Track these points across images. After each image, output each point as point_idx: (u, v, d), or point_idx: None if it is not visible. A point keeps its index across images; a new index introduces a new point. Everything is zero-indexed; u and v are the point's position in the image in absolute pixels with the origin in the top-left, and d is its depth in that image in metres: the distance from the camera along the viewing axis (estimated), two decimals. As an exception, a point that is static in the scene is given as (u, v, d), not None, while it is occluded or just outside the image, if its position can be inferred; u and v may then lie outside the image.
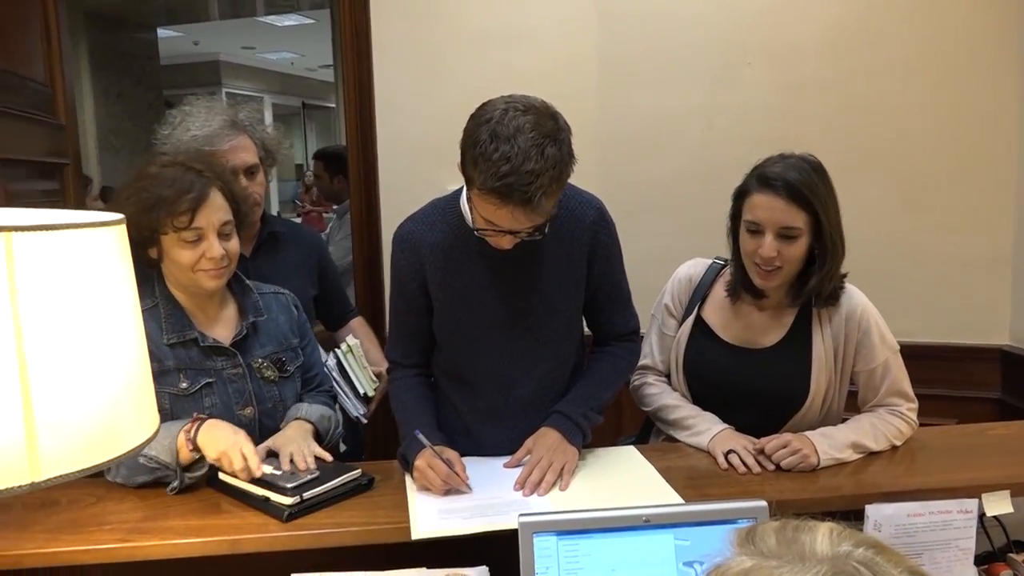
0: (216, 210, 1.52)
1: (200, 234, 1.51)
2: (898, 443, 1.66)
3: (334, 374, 1.96)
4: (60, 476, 0.93)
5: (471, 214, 1.49)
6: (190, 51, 10.78)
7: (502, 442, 1.62)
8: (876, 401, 1.69)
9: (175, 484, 1.48)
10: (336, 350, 2.02)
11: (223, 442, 1.45)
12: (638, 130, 2.89)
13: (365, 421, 2.01)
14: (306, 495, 1.40)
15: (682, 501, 1.43)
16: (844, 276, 1.69)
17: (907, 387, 1.68)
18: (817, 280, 1.63)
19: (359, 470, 1.51)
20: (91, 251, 0.97)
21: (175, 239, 1.50)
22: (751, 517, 1.29)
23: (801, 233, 1.58)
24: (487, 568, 1.33)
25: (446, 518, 1.38)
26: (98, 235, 0.99)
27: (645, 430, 1.93)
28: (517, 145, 1.32)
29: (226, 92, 11.37)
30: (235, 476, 1.44)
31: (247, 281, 1.69)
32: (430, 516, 1.39)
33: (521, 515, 1.24)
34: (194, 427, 1.48)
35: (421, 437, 1.48)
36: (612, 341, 1.73)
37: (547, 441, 1.55)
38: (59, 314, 0.92)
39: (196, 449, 1.47)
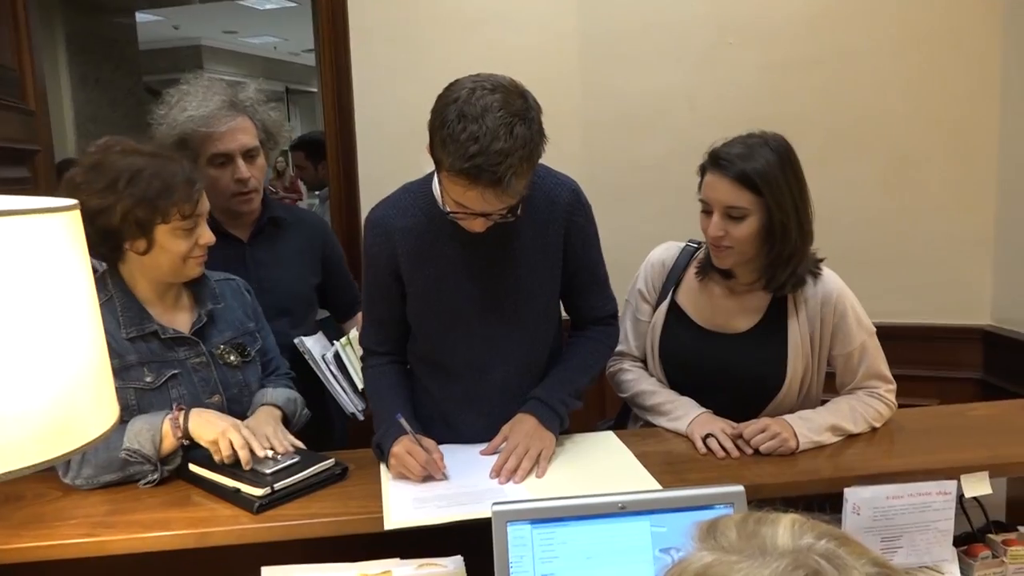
0: (205, 198, 1.53)
1: (197, 222, 1.51)
2: (877, 425, 1.64)
3: (332, 368, 1.91)
4: (9, 472, 0.90)
5: (442, 197, 1.46)
6: (171, 36, 10.61)
7: (479, 428, 1.60)
8: (854, 384, 1.67)
9: (154, 478, 1.46)
10: (335, 342, 1.96)
11: (218, 425, 1.45)
12: (620, 111, 2.86)
13: (362, 418, 1.94)
14: (277, 486, 1.38)
15: (659, 487, 1.41)
16: (820, 261, 1.67)
17: (884, 369, 1.67)
18: (766, 263, 1.61)
19: (332, 459, 1.48)
20: (40, 238, 0.94)
21: (172, 229, 1.48)
22: (728, 503, 1.27)
23: (747, 213, 1.56)
24: (462, 558, 1.31)
25: (420, 507, 1.36)
26: (47, 221, 0.96)
27: (623, 415, 1.91)
28: (485, 125, 1.28)
29: (208, 77, 11.23)
30: (223, 461, 1.43)
31: (203, 271, 1.65)
32: (404, 505, 1.37)
33: (495, 504, 1.22)
34: (181, 415, 1.47)
35: (403, 422, 1.46)
36: (590, 325, 1.70)
37: (523, 427, 1.53)
38: (5, 303, 0.88)
39: (186, 436, 1.46)
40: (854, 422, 1.61)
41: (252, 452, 1.43)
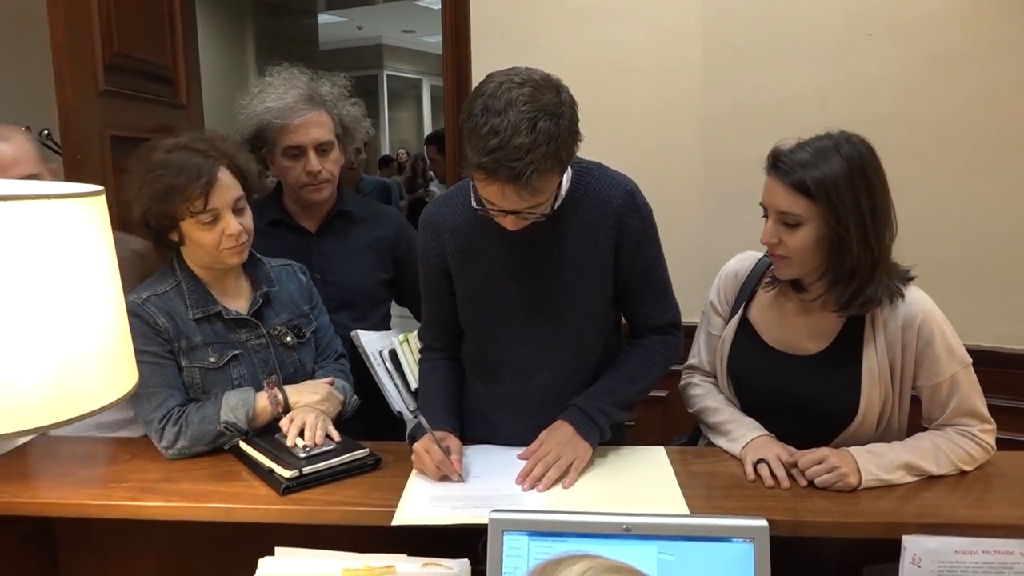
0: (227, 188, 1.55)
1: (216, 214, 1.54)
2: (966, 468, 1.44)
3: (387, 364, 1.92)
4: (19, 432, 0.99)
5: (473, 192, 1.44)
6: (355, 35, 11.28)
7: (520, 431, 1.56)
8: (943, 420, 1.47)
9: (235, 441, 1.56)
10: (394, 339, 1.98)
11: (318, 388, 1.63)
12: (742, 109, 2.69)
13: (410, 417, 1.90)
14: (306, 469, 1.42)
15: (686, 512, 1.32)
16: (910, 279, 1.48)
17: (980, 406, 1.45)
18: (824, 283, 1.45)
19: (367, 449, 1.50)
20: (60, 220, 1.01)
21: (193, 223, 1.53)
22: (748, 537, 1.17)
23: (802, 221, 1.41)
24: (468, 561, 1.29)
25: (435, 506, 1.35)
26: (67, 206, 1.03)
27: (696, 430, 1.80)
28: (507, 119, 1.25)
29: (387, 75, 11.85)
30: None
31: (258, 255, 1.72)
32: (420, 503, 1.36)
33: (493, 511, 1.20)
34: (278, 392, 1.60)
35: (422, 420, 1.46)
36: (647, 333, 1.62)
37: (558, 435, 1.48)
38: (26, 279, 0.96)
39: (286, 410, 1.58)
40: (936, 462, 1.42)
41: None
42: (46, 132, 2.99)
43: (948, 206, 2.47)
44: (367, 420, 1.92)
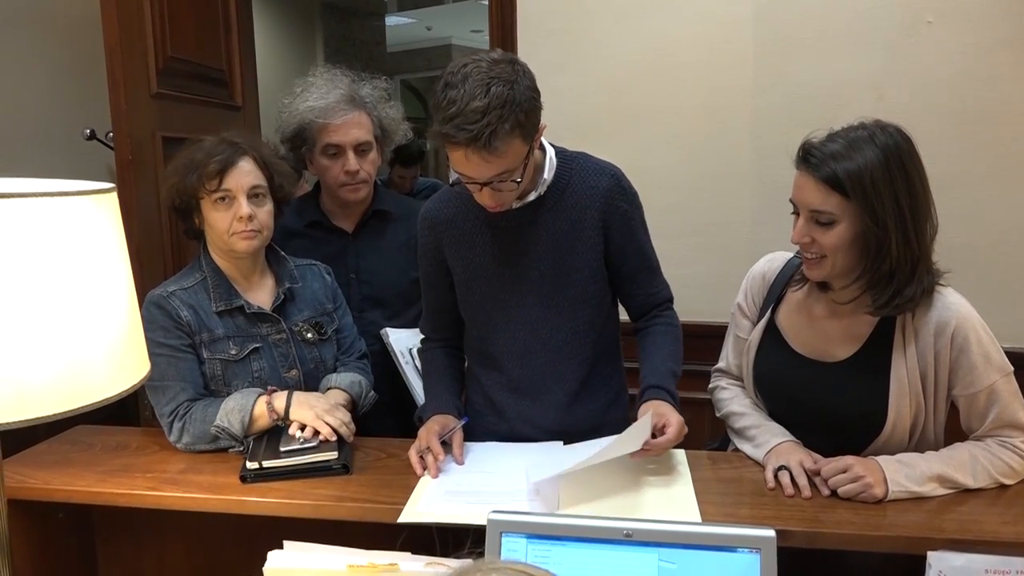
0: (245, 174, 1.60)
1: (230, 195, 1.59)
2: (1008, 482, 1.34)
3: (415, 362, 1.93)
4: (27, 420, 1.02)
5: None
6: (425, 36, 11.37)
7: (525, 414, 1.63)
8: (982, 431, 1.38)
9: (239, 449, 1.56)
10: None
11: (320, 403, 1.57)
12: (795, 101, 2.59)
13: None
14: (266, 463, 1.45)
15: (698, 519, 1.27)
16: (935, 279, 1.39)
17: (1023, 417, 1.36)
18: (859, 285, 1.37)
19: (335, 454, 1.49)
20: (72, 217, 1.04)
21: (209, 202, 1.59)
22: (754, 548, 1.12)
23: (836, 219, 1.33)
24: (472, 562, 1.27)
25: (442, 505, 1.34)
26: (74, 203, 1.06)
27: (727, 436, 1.74)
28: (464, 88, 1.32)
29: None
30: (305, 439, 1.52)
31: (282, 253, 1.77)
32: (429, 501, 1.36)
33: (492, 511, 1.18)
34: (272, 401, 1.57)
35: (455, 421, 1.56)
36: (652, 310, 1.67)
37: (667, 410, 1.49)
38: (35, 275, 0.99)
39: (282, 419, 1.55)
40: (972, 474, 1.33)
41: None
42: (110, 134, 3.12)
43: (1017, 200, 2.34)
44: (397, 418, 1.93)
